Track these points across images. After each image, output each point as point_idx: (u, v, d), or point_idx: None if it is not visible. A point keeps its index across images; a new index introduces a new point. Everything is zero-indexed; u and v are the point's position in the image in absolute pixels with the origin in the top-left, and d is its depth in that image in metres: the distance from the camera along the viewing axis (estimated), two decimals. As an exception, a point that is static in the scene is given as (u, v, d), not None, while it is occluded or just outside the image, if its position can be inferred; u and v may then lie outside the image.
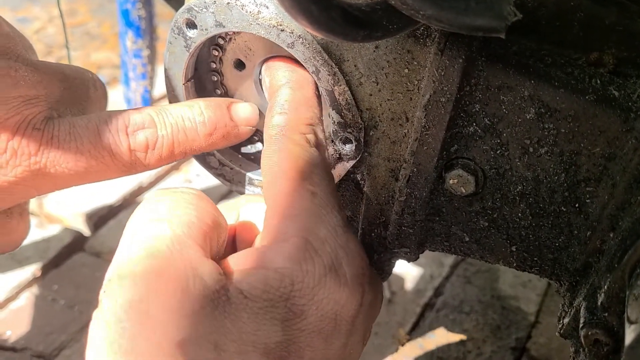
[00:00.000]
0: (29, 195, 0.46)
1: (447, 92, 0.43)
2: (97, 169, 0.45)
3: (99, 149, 0.45)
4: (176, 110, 0.47)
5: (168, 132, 0.46)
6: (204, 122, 0.48)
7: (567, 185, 0.44)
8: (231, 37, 0.51)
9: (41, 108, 0.45)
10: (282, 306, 0.38)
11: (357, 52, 0.46)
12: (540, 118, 0.43)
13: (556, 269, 0.48)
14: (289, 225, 0.40)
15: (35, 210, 1.24)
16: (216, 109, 0.48)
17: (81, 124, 0.45)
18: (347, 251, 0.41)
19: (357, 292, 0.41)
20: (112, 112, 0.47)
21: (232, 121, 0.49)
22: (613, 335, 0.41)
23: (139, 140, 0.46)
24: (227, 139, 0.49)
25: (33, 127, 0.43)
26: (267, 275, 0.38)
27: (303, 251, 0.39)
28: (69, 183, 0.46)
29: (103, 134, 0.45)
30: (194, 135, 0.47)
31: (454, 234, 0.50)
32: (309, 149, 0.44)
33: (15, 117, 0.43)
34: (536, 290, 1.07)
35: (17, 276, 1.06)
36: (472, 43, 0.41)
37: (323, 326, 0.39)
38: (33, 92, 0.45)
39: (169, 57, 0.51)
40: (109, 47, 1.82)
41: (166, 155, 0.47)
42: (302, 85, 0.47)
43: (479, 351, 0.96)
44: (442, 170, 0.47)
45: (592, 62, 0.44)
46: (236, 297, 0.37)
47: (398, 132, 0.47)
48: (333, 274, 0.39)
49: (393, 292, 1.06)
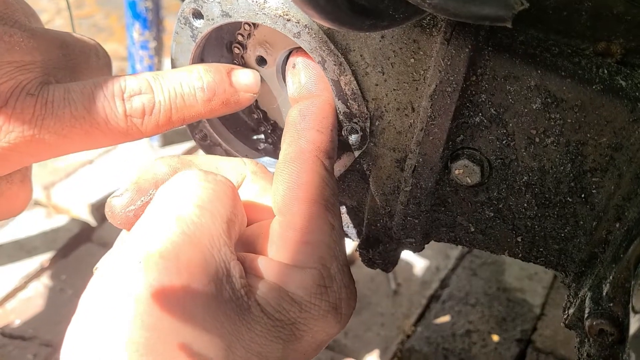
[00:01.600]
0: (25, 162, 0.46)
1: (453, 82, 0.43)
2: (93, 135, 0.44)
3: (93, 115, 0.44)
4: (174, 75, 0.46)
5: (165, 98, 0.45)
6: (203, 87, 0.46)
7: (573, 176, 0.44)
8: (250, 32, 0.51)
9: (36, 74, 0.44)
10: (288, 329, 0.40)
11: (363, 41, 0.46)
12: (547, 108, 0.42)
13: (562, 259, 0.48)
14: (308, 253, 0.42)
15: (43, 201, 1.24)
16: (215, 74, 0.47)
17: (76, 89, 0.44)
18: (348, 292, 0.44)
19: (343, 326, 0.44)
20: (108, 78, 0.45)
21: (232, 87, 0.48)
22: (618, 325, 0.41)
23: (136, 105, 0.45)
24: (227, 106, 0.48)
25: (27, 93, 0.43)
26: (282, 298, 0.40)
27: (316, 285, 0.41)
28: (65, 149, 0.45)
29: (98, 99, 0.44)
30: (192, 101, 0.46)
31: (460, 224, 0.50)
32: (332, 177, 0.45)
33: (8, 82, 0.42)
34: (542, 282, 1.07)
35: (25, 266, 1.07)
36: (478, 33, 0.41)
37: (310, 349, 0.42)
38: (28, 57, 0.44)
39: (176, 48, 0.51)
40: (116, 39, 1.83)
41: (163, 121, 0.46)
42: (333, 107, 0.47)
43: (484, 343, 0.96)
44: (447, 160, 0.47)
45: (600, 52, 0.43)
46: (255, 308, 0.39)
47: (404, 122, 0.47)
48: (334, 312, 0.42)
49: (399, 284, 1.06)
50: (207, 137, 0.56)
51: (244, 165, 0.48)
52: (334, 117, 0.47)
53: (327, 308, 0.42)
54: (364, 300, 1.03)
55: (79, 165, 1.33)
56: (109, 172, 1.28)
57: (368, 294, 1.04)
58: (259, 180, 0.47)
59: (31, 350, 0.93)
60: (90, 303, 0.37)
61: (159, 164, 0.45)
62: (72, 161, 1.34)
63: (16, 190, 0.49)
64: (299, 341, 0.41)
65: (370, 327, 0.98)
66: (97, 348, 0.35)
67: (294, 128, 0.45)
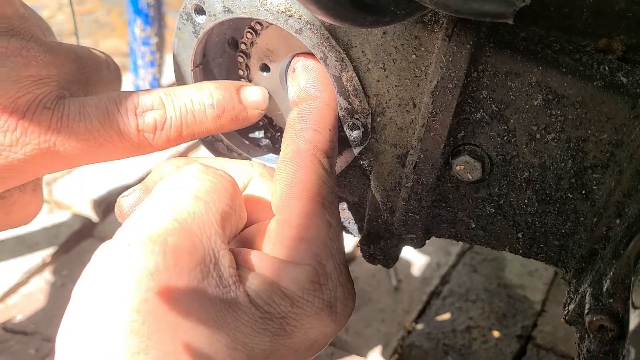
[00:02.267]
0: (39, 173, 0.47)
1: (455, 78, 0.43)
2: (106, 148, 0.46)
3: (107, 129, 0.45)
4: (185, 92, 0.48)
5: (177, 114, 0.47)
6: (213, 104, 0.48)
7: (574, 172, 0.44)
8: (252, 41, 0.51)
9: (52, 88, 0.45)
10: (277, 322, 0.40)
11: (365, 38, 0.46)
12: (548, 104, 0.43)
13: (562, 255, 0.48)
14: (303, 250, 0.42)
15: (45, 197, 1.25)
16: (225, 92, 0.48)
17: (91, 103, 0.45)
18: (345, 291, 0.44)
19: (340, 326, 0.44)
20: (122, 93, 0.47)
21: (241, 104, 0.49)
22: (618, 321, 0.41)
23: (148, 121, 0.46)
24: (236, 122, 0.49)
25: (44, 107, 0.44)
26: (274, 292, 0.40)
27: (310, 282, 0.41)
28: (79, 162, 0.46)
29: (112, 114, 0.45)
30: (202, 118, 0.47)
31: (460, 220, 0.50)
32: (331, 176, 0.46)
33: (26, 96, 0.44)
34: (543, 279, 1.07)
35: (27, 261, 1.08)
36: (480, 29, 0.41)
37: (302, 347, 0.42)
38: (45, 72, 0.45)
39: (178, 43, 0.52)
40: (118, 35, 1.83)
41: (174, 136, 0.47)
42: (333, 107, 0.48)
43: (485, 339, 0.96)
44: (449, 156, 0.47)
45: (601, 48, 0.43)
46: (243, 299, 0.39)
47: (405, 118, 0.47)
48: (328, 310, 0.42)
49: (400, 280, 1.06)
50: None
51: (251, 168, 0.49)
52: (332, 118, 0.47)
53: (320, 305, 0.42)
54: (364, 296, 1.03)
55: (80, 161, 1.33)
56: (111, 169, 1.29)
57: (369, 290, 1.05)
58: (266, 182, 0.48)
59: (33, 345, 0.93)
60: (80, 288, 0.38)
61: (166, 165, 0.47)
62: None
63: (28, 199, 0.51)
64: (290, 337, 0.41)
65: (370, 323, 0.99)
66: (81, 331, 0.36)
67: (293, 129, 0.46)
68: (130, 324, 0.35)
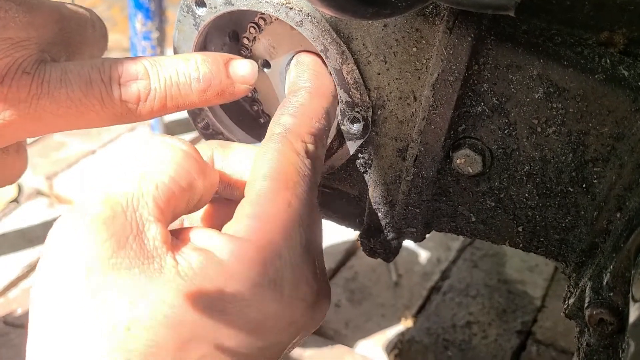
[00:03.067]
0: (19, 137, 0.46)
1: (456, 71, 0.43)
2: (88, 116, 0.45)
3: (89, 98, 0.44)
4: (171, 63, 0.46)
5: (161, 86, 0.45)
6: (199, 78, 0.46)
7: (575, 166, 0.44)
8: (255, 36, 0.51)
9: (32, 51, 0.44)
10: (207, 296, 0.38)
11: (366, 30, 0.46)
12: (549, 97, 0.42)
13: (562, 249, 0.48)
14: (252, 226, 0.40)
15: (45, 191, 1.25)
16: (212, 65, 0.47)
17: (73, 70, 0.44)
18: (297, 272, 0.41)
19: (291, 309, 0.41)
20: (106, 60, 0.46)
21: (228, 79, 0.48)
22: (618, 315, 0.41)
23: (131, 91, 0.45)
24: (222, 97, 0.48)
25: (23, 71, 0.43)
26: (207, 265, 0.38)
27: (252, 258, 0.39)
28: (60, 128, 0.45)
29: (95, 82, 0.44)
30: (187, 91, 0.46)
31: (461, 214, 0.50)
32: (304, 159, 0.44)
33: (4, 60, 0.42)
34: (543, 275, 1.07)
35: (28, 255, 1.08)
36: (481, 21, 0.41)
37: (238, 325, 0.39)
38: (24, 34, 0.43)
39: (178, 36, 0.51)
40: (119, 30, 1.82)
41: (158, 107, 0.46)
42: (321, 95, 0.47)
43: (485, 334, 0.96)
44: (449, 149, 0.47)
45: (603, 41, 0.43)
46: (169, 270, 0.38)
47: (406, 111, 0.47)
48: (269, 288, 0.39)
49: (400, 275, 1.06)
50: (209, 126, 0.56)
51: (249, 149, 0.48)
52: (316, 105, 0.46)
53: (260, 281, 0.39)
54: (364, 291, 1.03)
55: (81, 155, 1.33)
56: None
57: (369, 285, 1.05)
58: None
59: (33, 338, 0.93)
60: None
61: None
62: (74, 152, 1.34)
63: (12, 160, 0.50)
64: (224, 313, 0.38)
65: (370, 317, 0.99)
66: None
67: (273, 117, 0.46)
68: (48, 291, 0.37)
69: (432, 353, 0.93)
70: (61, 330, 0.36)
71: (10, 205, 1.20)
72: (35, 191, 1.25)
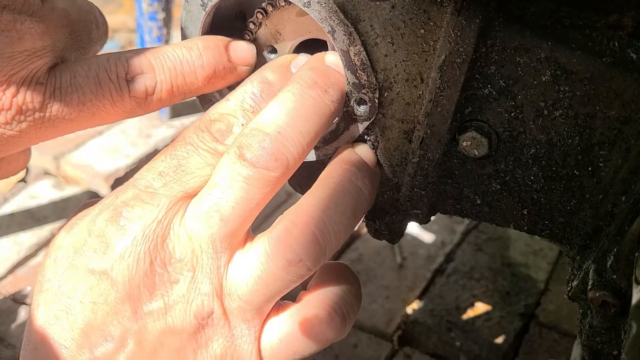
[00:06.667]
0: (33, 144, 0.47)
1: (463, 53, 0.43)
2: (99, 116, 0.46)
3: (100, 99, 0.45)
4: (174, 53, 0.47)
5: (167, 77, 0.47)
6: (203, 65, 0.47)
7: (581, 149, 0.44)
8: (261, 21, 0.51)
9: (47, 59, 0.44)
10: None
11: (374, 12, 0.45)
12: (556, 80, 0.42)
13: (567, 232, 0.48)
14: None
15: (52, 171, 1.26)
16: (215, 51, 0.48)
17: (81, 72, 0.45)
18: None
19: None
20: (111, 57, 0.46)
21: (230, 62, 0.49)
22: (621, 297, 0.41)
23: (139, 86, 0.46)
24: (226, 80, 0.49)
25: (37, 82, 0.43)
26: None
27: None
28: (71, 130, 0.46)
29: (104, 82, 0.45)
30: (192, 79, 0.47)
31: (466, 196, 0.50)
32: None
33: (20, 72, 0.43)
34: (547, 258, 1.07)
35: (36, 234, 1.09)
36: (489, 3, 0.41)
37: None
38: (39, 43, 0.44)
39: (186, 16, 0.51)
40: (125, 11, 1.82)
41: (165, 98, 0.47)
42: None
43: (488, 316, 0.97)
44: (455, 132, 0.47)
45: (611, 24, 0.43)
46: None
47: (412, 93, 0.47)
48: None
49: (404, 258, 1.07)
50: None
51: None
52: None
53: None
54: (369, 273, 1.04)
55: (88, 136, 1.33)
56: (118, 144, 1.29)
57: (373, 267, 1.05)
58: None
59: (42, 316, 0.95)
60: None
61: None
62: (81, 133, 1.35)
63: (16, 156, 0.51)
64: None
65: (375, 299, 1.00)
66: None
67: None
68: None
69: (436, 334, 0.94)
70: None
71: (17, 185, 1.21)
72: (42, 171, 1.25)
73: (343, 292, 0.46)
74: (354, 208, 0.45)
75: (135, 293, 0.41)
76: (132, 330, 0.40)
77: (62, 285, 0.41)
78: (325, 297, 0.45)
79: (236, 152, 0.42)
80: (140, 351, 0.41)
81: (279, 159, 0.42)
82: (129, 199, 0.43)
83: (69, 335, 0.41)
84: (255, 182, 0.42)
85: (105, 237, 0.41)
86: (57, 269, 0.42)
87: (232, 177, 0.42)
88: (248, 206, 0.42)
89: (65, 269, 0.42)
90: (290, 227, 0.42)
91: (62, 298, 0.41)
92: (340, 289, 0.46)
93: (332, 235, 0.43)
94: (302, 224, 0.42)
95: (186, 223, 0.42)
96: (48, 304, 0.42)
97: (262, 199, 0.43)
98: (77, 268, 0.41)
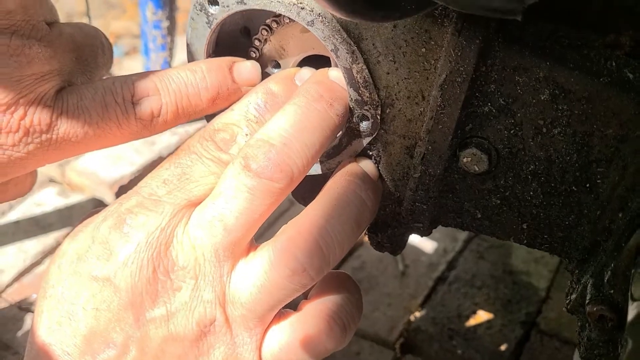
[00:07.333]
0: (39, 166, 0.48)
1: (463, 72, 0.43)
2: (105, 138, 0.47)
3: (106, 121, 0.46)
4: (179, 76, 0.48)
5: (172, 99, 0.47)
6: (207, 87, 0.48)
7: (579, 166, 0.45)
8: (266, 38, 0.52)
9: (54, 83, 0.45)
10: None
11: (376, 31, 0.46)
12: (555, 99, 0.43)
13: (565, 246, 0.49)
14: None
15: (57, 179, 1.27)
16: (218, 73, 0.49)
17: (88, 95, 0.46)
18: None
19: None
20: (116, 81, 0.47)
21: (234, 83, 0.50)
22: (618, 312, 0.42)
23: (144, 109, 0.47)
24: (230, 101, 0.50)
25: (44, 105, 0.44)
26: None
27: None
28: (78, 152, 0.47)
29: (110, 105, 0.46)
30: (197, 101, 0.48)
31: (467, 210, 0.51)
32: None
33: (28, 96, 0.44)
34: (548, 266, 1.08)
35: (41, 242, 1.10)
36: (489, 24, 0.42)
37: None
38: (47, 67, 0.45)
39: (191, 33, 0.52)
40: (128, 17, 1.83)
41: (171, 119, 0.48)
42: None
43: (489, 324, 0.98)
44: (456, 148, 0.48)
45: (609, 43, 0.44)
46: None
47: (414, 110, 0.48)
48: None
49: (406, 266, 1.08)
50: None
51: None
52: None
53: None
54: (371, 280, 1.05)
55: (92, 143, 1.34)
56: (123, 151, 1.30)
57: (376, 274, 1.06)
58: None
59: (48, 323, 0.96)
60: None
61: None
62: (85, 139, 1.35)
63: (23, 177, 0.52)
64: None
65: (377, 307, 1.00)
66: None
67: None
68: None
69: (438, 342, 0.94)
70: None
71: (23, 192, 1.22)
72: (47, 178, 1.27)
73: (343, 302, 0.46)
74: (357, 218, 0.46)
75: (137, 300, 0.41)
76: (134, 337, 0.41)
77: (65, 292, 0.42)
78: (324, 306, 0.46)
79: (241, 162, 0.43)
80: (143, 358, 0.41)
81: (284, 170, 0.43)
82: (132, 207, 0.43)
83: (71, 342, 0.41)
84: (259, 192, 0.43)
85: (109, 244, 0.42)
86: (61, 276, 0.42)
87: (237, 188, 0.43)
88: (252, 216, 0.43)
89: (68, 276, 0.42)
90: (295, 236, 0.43)
91: (65, 304, 0.42)
92: (340, 299, 0.46)
93: (336, 244, 0.44)
94: (306, 233, 0.43)
95: (190, 231, 0.43)
96: (51, 310, 0.42)
97: (265, 210, 0.43)
98: (80, 275, 0.42)
